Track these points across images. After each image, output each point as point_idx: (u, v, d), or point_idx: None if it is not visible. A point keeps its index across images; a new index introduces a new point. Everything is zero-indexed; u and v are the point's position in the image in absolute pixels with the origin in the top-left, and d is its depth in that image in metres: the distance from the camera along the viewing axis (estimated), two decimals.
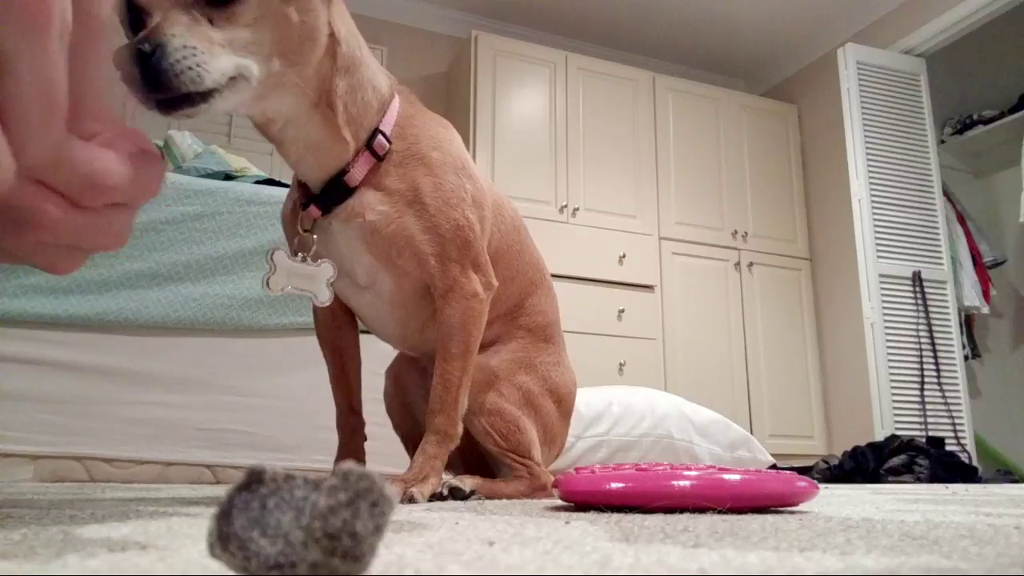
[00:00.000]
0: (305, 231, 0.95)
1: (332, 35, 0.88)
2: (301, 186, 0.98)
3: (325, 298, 0.95)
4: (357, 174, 0.93)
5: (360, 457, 1.07)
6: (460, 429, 0.98)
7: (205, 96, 0.73)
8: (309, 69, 0.86)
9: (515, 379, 1.10)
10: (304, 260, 0.94)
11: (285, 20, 0.80)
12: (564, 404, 1.17)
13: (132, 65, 0.69)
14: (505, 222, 1.14)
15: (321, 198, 0.94)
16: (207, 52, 0.72)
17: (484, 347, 1.10)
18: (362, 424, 1.08)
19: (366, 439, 1.09)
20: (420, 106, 1.03)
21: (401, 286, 1.00)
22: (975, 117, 4.47)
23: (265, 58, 0.79)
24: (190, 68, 0.70)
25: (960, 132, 4.53)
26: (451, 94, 4.09)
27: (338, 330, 1.09)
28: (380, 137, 0.94)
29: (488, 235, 1.06)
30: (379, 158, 0.94)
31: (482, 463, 1.15)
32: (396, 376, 1.24)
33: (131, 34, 0.75)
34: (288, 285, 0.94)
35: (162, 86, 0.70)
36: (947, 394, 3.60)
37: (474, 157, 3.59)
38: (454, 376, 0.97)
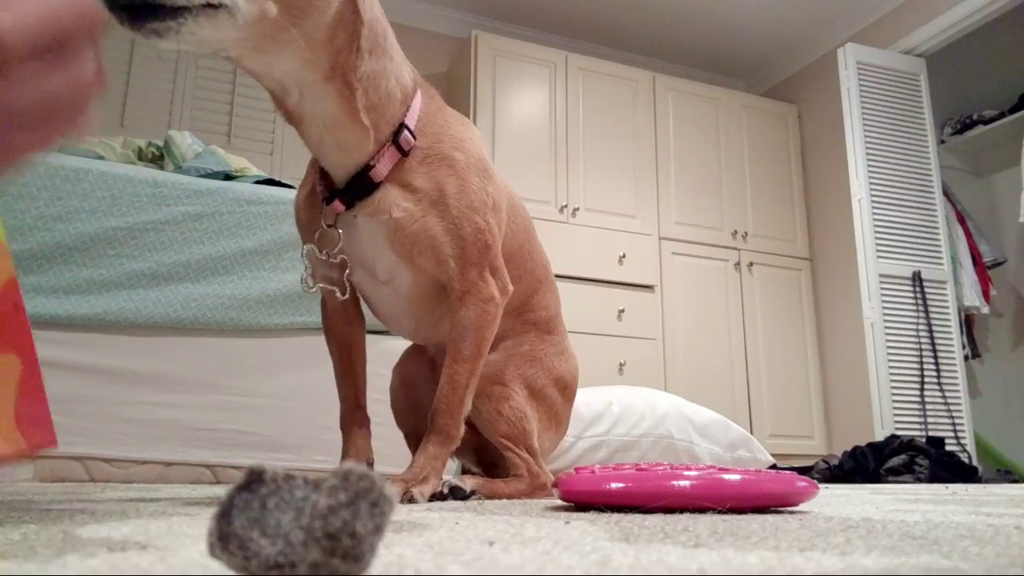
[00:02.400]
0: (329, 226, 0.95)
1: (356, 13, 0.85)
2: (323, 179, 0.97)
3: (346, 293, 0.96)
4: (383, 168, 0.92)
5: (367, 453, 1.07)
6: (462, 430, 0.98)
7: (175, 12, 0.67)
8: (318, 34, 0.81)
9: (522, 373, 1.12)
10: (328, 256, 0.95)
11: None
12: (568, 390, 1.21)
13: None
14: (518, 223, 1.15)
15: (345, 192, 0.93)
16: None
17: (493, 344, 1.11)
18: (368, 420, 1.08)
19: (370, 436, 1.09)
20: (441, 102, 1.03)
21: (419, 283, 1.00)
22: (975, 117, 4.47)
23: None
24: None
25: (960, 132, 4.53)
26: (451, 94, 4.09)
27: (347, 324, 1.09)
28: (406, 132, 0.93)
29: (503, 237, 1.06)
30: (404, 154, 0.94)
31: (497, 462, 1.16)
32: (405, 374, 1.25)
33: None
34: (322, 281, 0.95)
35: None
36: (947, 394, 3.60)
37: None
38: (462, 377, 0.97)
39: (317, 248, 0.95)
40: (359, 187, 0.93)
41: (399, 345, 1.29)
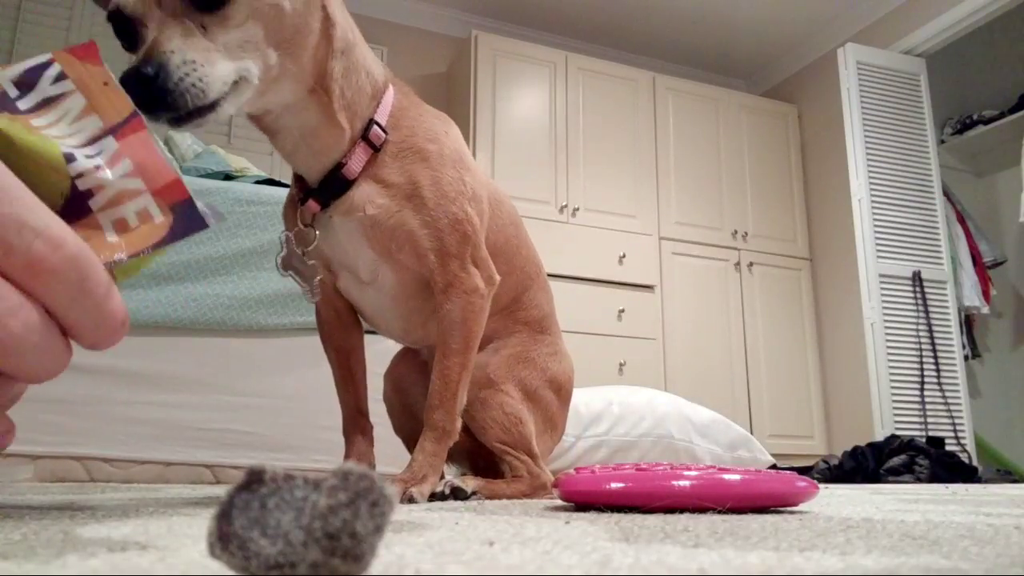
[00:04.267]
0: (306, 226, 0.95)
1: (327, 16, 0.88)
2: (298, 180, 0.97)
3: (316, 296, 0.96)
4: (355, 166, 0.92)
5: (369, 458, 1.06)
6: (459, 425, 0.98)
7: (212, 106, 0.74)
8: (305, 54, 0.85)
9: (515, 374, 1.10)
10: (304, 254, 0.95)
11: (278, 11, 0.79)
12: (563, 392, 1.19)
13: (138, 88, 0.69)
14: (503, 217, 1.14)
15: (319, 191, 0.94)
16: (207, 63, 0.72)
17: (483, 343, 1.10)
18: (370, 426, 1.08)
19: (373, 442, 1.08)
20: (416, 99, 1.03)
21: (403, 280, 0.99)
22: (975, 117, 4.48)
23: (263, 54, 0.79)
24: (193, 85, 0.71)
25: (960, 132, 4.53)
26: (451, 94, 4.09)
27: (344, 332, 1.08)
28: (376, 127, 0.93)
29: (486, 229, 1.06)
30: (376, 149, 0.94)
31: (490, 466, 1.15)
32: (395, 379, 1.24)
33: (125, 47, 0.75)
34: (292, 272, 0.95)
35: (170, 106, 0.71)
36: (947, 394, 3.60)
37: (474, 157, 3.59)
38: (453, 372, 0.97)
39: (295, 240, 0.96)
40: (332, 186, 0.93)
41: (395, 345, 1.29)
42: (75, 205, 0.48)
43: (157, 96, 0.70)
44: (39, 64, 0.53)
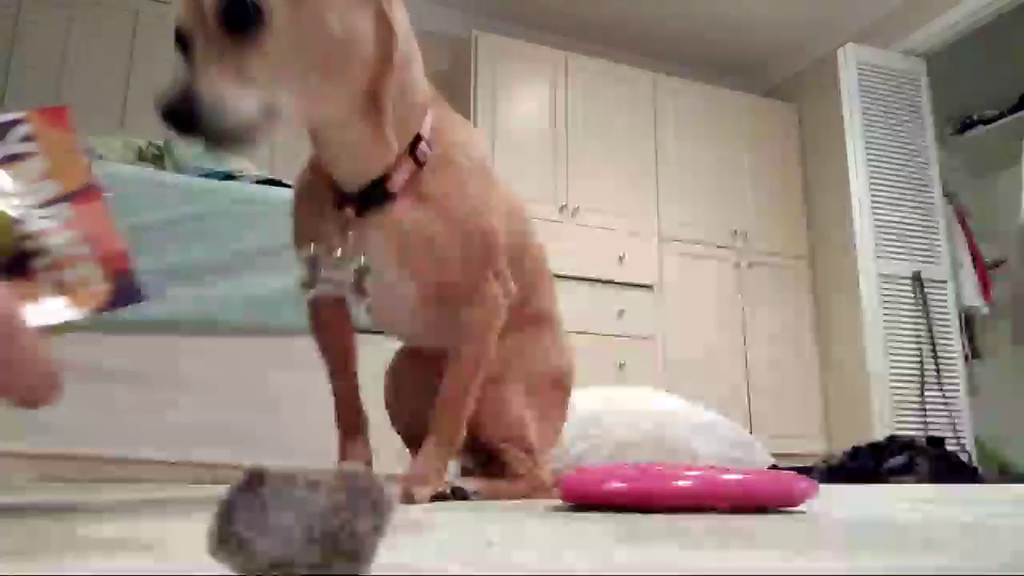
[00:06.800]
0: (340, 233, 0.94)
1: (388, 27, 0.85)
2: (333, 185, 0.96)
3: (357, 303, 0.95)
4: (399, 181, 0.92)
5: (365, 454, 1.06)
6: (465, 431, 0.98)
7: (239, 137, 0.74)
8: (355, 75, 0.83)
9: (516, 371, 1.11)
10: (337, 263, 0.94)
11: (323, 33, 0.77)
12: (564, 386, 1.19)
13: (168, 114, 0.72)
14: (515, 225, 1.14)
15: (358, 201, 0.93)
16: (234, 95, 0.72)
17: None
18: (365, 420, 1.08)
19: (368, 434, 1.08)
20: (447, 106, 1.03)
21: (421, 286, 0.99)
22: (975, 117, 4.47)
23: (301, 79, 0.78)
24: (215, 115, 0.72)
25: (960, 132, 4.53)
26: (451, 94, 4.08)
27: (339, 326, 1.08)
28: (422, 144, 0.93)
29: (504, 240, 1.06)
30: (420, 165, 0.94)
31: (488, 463, 1.15)
32: (397, 376, 1.24)
33: (181, 53, 0.77)
34: (324, 288, 0.94)
35: (195, 130, 0.72)
36: (947, 394, 3.61)
37: None
38: (465, 380, 0.97)
39: (304, 248, 0.94)
40: (373, 197, 0.92)
41: (390, 345, 1.28)
42: (18, 264, 0.49)
43: (185, 123, 0.72)
44: (11, 120, 0.54)
